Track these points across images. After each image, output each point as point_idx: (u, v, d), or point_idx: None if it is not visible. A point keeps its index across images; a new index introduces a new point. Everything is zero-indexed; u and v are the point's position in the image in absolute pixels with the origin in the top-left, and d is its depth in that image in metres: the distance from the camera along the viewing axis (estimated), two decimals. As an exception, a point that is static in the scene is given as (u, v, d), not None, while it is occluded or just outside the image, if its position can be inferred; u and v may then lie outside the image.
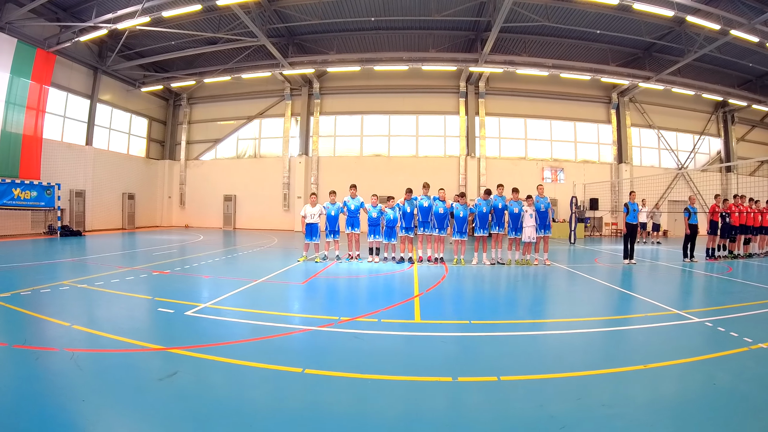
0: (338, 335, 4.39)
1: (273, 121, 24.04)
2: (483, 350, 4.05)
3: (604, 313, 5.98)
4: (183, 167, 24.17)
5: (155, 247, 12.79)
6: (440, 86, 22.89)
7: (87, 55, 18.44)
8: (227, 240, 16.28)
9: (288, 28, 18.65)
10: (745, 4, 13.46)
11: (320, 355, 3.83)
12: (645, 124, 23.99)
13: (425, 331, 4.56)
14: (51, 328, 4.45)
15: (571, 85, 22.37)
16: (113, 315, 5.11)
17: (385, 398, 2.98)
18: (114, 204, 20.31)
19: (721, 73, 21.02)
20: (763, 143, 26.09)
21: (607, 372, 3.46)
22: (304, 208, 10.62)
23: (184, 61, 20.61)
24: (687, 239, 11.30)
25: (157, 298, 5.93)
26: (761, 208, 12.10)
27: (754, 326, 4.87)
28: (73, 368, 3.29)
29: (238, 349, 3.89)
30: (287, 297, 6.66)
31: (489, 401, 2.92)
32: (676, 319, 5.24)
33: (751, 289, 7.56)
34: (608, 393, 3.10)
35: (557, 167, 23.68)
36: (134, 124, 22.54)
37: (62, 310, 5.20)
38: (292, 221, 22.93)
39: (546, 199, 10.58)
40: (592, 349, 4.22)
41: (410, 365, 3.60)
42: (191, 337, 4.20)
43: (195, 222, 23.87)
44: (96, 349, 3.77)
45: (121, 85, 20.87)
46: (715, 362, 3.75)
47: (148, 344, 3.92)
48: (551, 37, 18.94)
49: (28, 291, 5.97)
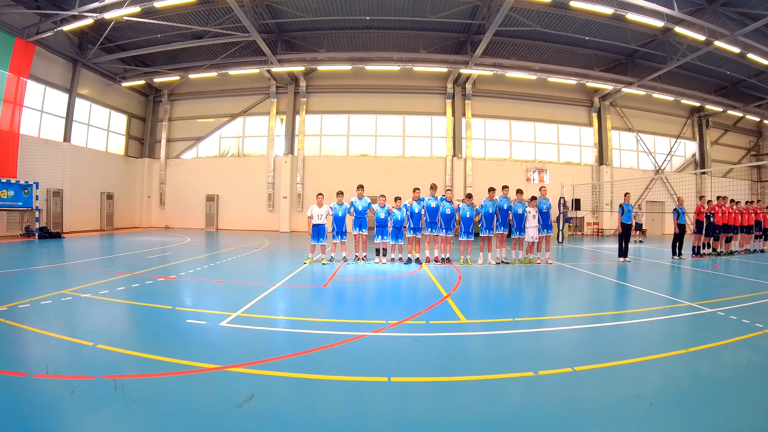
0: (397, 339, 4.42)
1: (257, 119, 23.92)
2: (545, 345, 4.46)
3: (629, 306, 6.54)
4: (163, 166, 23.67)
5: (145, 250, 12.55)
6: (427, 87, 23.43)
7: (67, 46, 17.88)
8: (216, 242, 16.13)
9: (278, 25, 18.68)
10: (728, 15, 14.66)
11: (394, 361, 3.80)
12: (624, 128, 25.39)
13: (477, 330, 4.82)
14: (71, 349, 3.90)
15: (555, 89, 23.41)
16: (138, 329, 4.72)
17: (486, 398, 3.08)
18: (92, 204, 19.73)
19: (698, 80, 22.63)
20: (736, 146, 28.29)
21: (664, 356, 3.99)
22: (310, 209, 10.50)
23: (166, 56, 20.22)
24: (676, 238, 12.20)
25: (178, 307, 5.62)
26: (741, 209, 13.21)
27: (760, 314, 5.59)
28: (126, 401, 2.81)
29: (305, 362, 3.69)
30: (316, 301, 6.59)
31: (575, 390, 3.29)
32: (691, 310, 5.88)
33: (744, 282, 8.41)
34: (677, 372, 3.66)
35: (541, 168, 24.63)
36: (113, 121, 21.95)
37: (75, 326, 4.76)
38: (277, 222, 22.89)
39: (548, 201, 11.21)
40: (640, 338, 4.74)
41: (489, 364, 3.77)
42: (243, 352, 3.93)
43: (175, 223, 23.41)
44: (140, 374, 3.33)
45: (100, 79, 20.31)
46: (741, 344, 4.41)
47: (198, 363, 3.51)
48: (539, 41, 19.77)
49: (27, 303, 5.44)
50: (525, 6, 15.33)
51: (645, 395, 3.08)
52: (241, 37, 16.99)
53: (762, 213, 13.66)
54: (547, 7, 15.49)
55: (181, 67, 20.44)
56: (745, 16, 14.63)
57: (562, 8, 15.66)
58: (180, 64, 20.44)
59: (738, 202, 13.53)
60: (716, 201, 12.79)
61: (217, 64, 20.05)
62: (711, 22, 14.46)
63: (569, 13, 16.18)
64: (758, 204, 14.29)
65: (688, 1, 14.61)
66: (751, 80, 21.24)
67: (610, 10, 13.72)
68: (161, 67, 20.51)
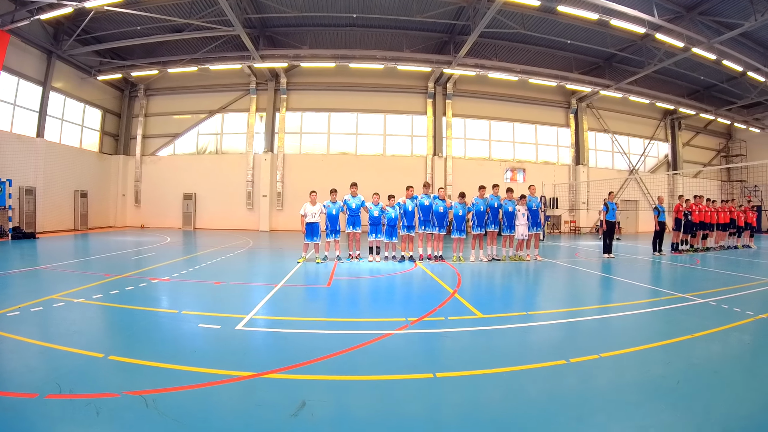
0: (423, 336, 4.50)
1: (236, 116, 23.61)
2: (564, 335, 4.75)
3: (628, 299, 6.87)
4: (138, 163, 22.97)
5: (127, 251, 12.21)
6: (409, 86, 23.73)
7: (42, 37, 17.13)
8: (198, 241, 15.83)
9: (262, 20, 18.49)
10: (704, 24, 15.55)
11: (430, 357, 3.92)
12: (600, 129, 26.43)
13: (496, 324, 5.01)
14: (81, 362, 3.51)
15: (533, 90, 24.15)
16: (150, 337, 4.40)
17: (532, 386, 3.25)
18: (66, 203, 18.97)
19: (672, 84, 23.85)
20: (706, 148, 29.99)
21: (674, 341, 4.35)
22: (303, 207, 10.45)
23: (143, 49, 19.65)
24: (656, 235, 12.85)
25: (184, 311, 5.36)
26: (717, 208, 14.04)
27: (748, 303, 6.09)
28: (165, 420, 2.56)
29: (343, 363, 3.65)
30: (326, 301, 6.55)
31: (608, 373, 3.58)
32: (685, 300, 6.32)
33: (726, 276, 9.03)
34: (690, 354, 4.04)
35: (519, 168, 25.29)
36: (87, 116, 21.15)
37: (77, 335, 4.30)
38: (257, 221, 22.66)
39: (537, 199, 11.62)
40: (649, 327, 5.14)
41: (521, 355, 4.00)
42: (272, 357, 3.82)
43: (151, 222, 22.77)
44: (170, 387, 3.05)
45: (75, 72, 19.57)
46: (739, 329, 4.85)
47: (230, 372, 3.33)
48: (520, 43, 20.34)
49: (15, 311, 4.98)
50: (512, 9, 15.76)
51: (670, 374, 3.40)
52: (225, 32, 16.72)
53: (736, 212, 14.59)
54: (534, 11, 15.98)
55: (159, 61, 19.90)
56: (720, 24, 15.60)
57: (549, 12, 16.21)
58: (158, 58, 19.90)
59: (714, 201, 14.41)
60: (693, 200, 13.53)
61: (198, 59, 19.66)
62: (689, 30, 15.32)
63: (554, 17, 16.78)
64: (733, 203, 15.21)
65: (667, 8, 15.42)
66: (723, 85, 22.59)
67: (595, 16, 14.34)
68: (139, 60, 19.92)
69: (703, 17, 15.81)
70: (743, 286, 7.48)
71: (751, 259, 11.99)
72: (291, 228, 22.40)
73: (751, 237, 15.59)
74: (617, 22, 14.66)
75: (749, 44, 18.13)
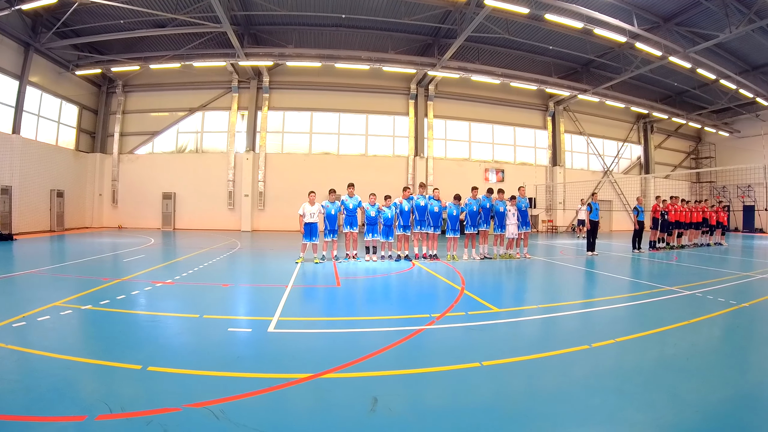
0: (453, 330, 4.82)
1: (217, 114, 23.38)
2: (578, 324, 5.28)
3: (622, 291, 7.52)
4: (116, 161, 22.35)
5: (115, 253, 12.00)
6: (391, 87, 24.14)
7: (20, 28, 16.50)
8: (184, 243, 15.61)
9: (247, 17, 18.45)
10: (680, 33, 16.63)
11: (469, 348, 4.22)
12: (576, 131, 27.64)
13: (513, 317, 5.46)
14: (119, 376, 3.33)
15: (513, 93, 25.09)
16: (182, 344, 4.26)
17: (575, 367, 3.73)
18: (42, 203, 18.29)
19: (646, 89, 25.25)
20: (677, 150, 31.86)
21: (674, 327, 4.96)
22: (302, 207, 10.57)
23: (123, 44, 19.23)
24: (636, 233, 13.67)
25: (206, 315, 5.24)
26: (691, 207, 15.05)
27: (730, 294, 6.82)
28: (245, 430, 2.53)
29: (394, 358, 3.87)
30: (344, 301, 6.69)
31: (628, 355, 4.10)
32: (673, 293, 6.99)
33: (705, 271, 9.88)
34: (692, 336, 4.67)
35: (498, 169, 26.08)
36: (64, 112, 20.42)
37: (102, 346, 4.06)
38: (238, 221, 22.52)
39: (526, 200, 12.19)
40: (651, 315, 5.73)
41: (548, 342, 4.47)
42: (322, 357, 3.84)
43: (129, 222, 22.21)
44: (231, 396, 2.96)
45: (53, 66, 18.91)
46: (727, 316, 5.52)
47: (286, 375, 3.35)
48: (503, 47, 21.07)
49: (20, 321, 4.68)
50: (501, 15, 16.35)
51: (680, 354, 4.00)
52: (211, 28, 16.59)
53: (709, 211, 15.70)
54: (523, 18, 16.61)
55: (141, 56, 19.51)
56: (695, 35, 16.76)
57: (536, 20, 16.92)
58: (138, 53, 19.49)
59: (688, 202, 15.46)
60: (670, 201, 14.46)
61: (182, 55, 19.38)
62: (666, 39, 16.33)
63: (540, 24, 17.52)
64: (705, 203, 16.33)
65: (646, 18, 16.44)
66: (695, 91, 24.17)
67: (580, 25, 15.14)
68: (119, 55, 19.46)
69: (680, 27, 16.93)
70: (721, 280, 8.27)
71: (723, 256, 13.00)
72: (273, 228, 22.39)
73: (723, 235, 16.83)
74: (600, 30, 15.52)
75: (722, 54, 19.57)
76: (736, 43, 17.89)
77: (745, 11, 14.78)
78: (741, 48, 19.31)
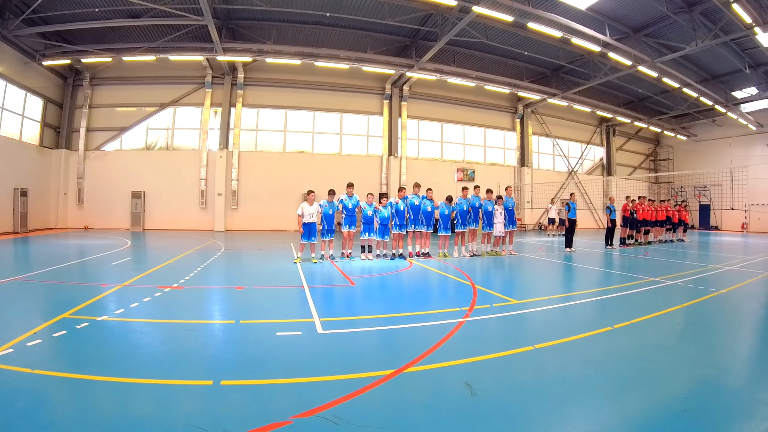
0: (490, 320, 5.30)
1: (189, 110, 22.84)
2: (593, 311, 6.07)
3: (612, 283, 8.38)
4: (82, 158, 21.29)
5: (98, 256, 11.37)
6: (366, 87, 24.56)
7: None
8: (162, 244, 15.27)
9: (227, 11, 18.16)
10: (648, 44, 18.03)
11: (512, 334, 4.89)
12: (543, 133, 29.15)
13: (533, 307, 6.08)
14: (195, 395, 3.09)
15: (483, 95, 26.21)
16: (239, 353, 4.07)
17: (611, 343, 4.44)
18: (5, 202, 17.24)
19: (611, 94, 27.11)
20: (636, 152, 34.38)
21: (669, 310, 5.87)
22: (301, 207, 10.70)
23: (93, 35, 18.41)
24: (608, 231, 14.79)
25: (242, 321, 5.11)
26: (656, 207, 16.43)
27: (708, 283, 7.86)
28: (373, 431, 2.59)
29: (456, 348, 4.17)
30: (371, 299, 6.87)
31: (648, 334, 4.91)
32: (657, 283, 7.97)
33: (678, 263, 11.22)
34: (687, 316, 5.59)
35: (469, 169, 27.03)
36: (28, 105, 19.27)
37: (150, 362, 3.74)
38: (211, 221, 22.16)
39: (512, 199, 12.94)
40: (648, 301, 6.54)
41: (576, 327, 5.09)
42: (391, 354, 4.10)
43: (96, 223, 21.24)
44: (335, 400, 2.96)
45: (18, 55, 17.78)
46: (711, 300, 6.45)
47: (370, 374, 3.43)
48: (477, 51, 21.89)
49: (33, 338, 4.19)
50: (483, 21, 17.09)
51: (686, 331, 4.98)
52: (192, 20, 16.21)
53: (671, 210, 17.20)
54: (506, 26, 17.43)
55: (113, 48, 18.73)
56: (662, 45, 18.28)
57: (519, 28, 17.85)
58: (109, 45, 18.71)
59: (653, 201, 16.87)
60: (638, 200, 15.73)
61: (156, 48, 18.80)
62: (634, 48, 17.67)
63: (519, 31, 18.47)
64: (668, 203, 17.84)
65: (617, 29, 17.76)
66: (657, 97, 26.30)
67: (559, 34, 16.13)
68: (89, 46, 18.57)
69: (648, 39, 18.42)
70: (695, 272, 9.46)
71: (687, 250, 14.41)
72: (247, 228, 22.24)
73: (684, 232, 18.46)
74: (577, 40, 16.63)
75: (686, 64, 21.43)
76: (699, 54, 19.52)
77: (711, 26, 16.25)
78: (703, 58, 21.14)
